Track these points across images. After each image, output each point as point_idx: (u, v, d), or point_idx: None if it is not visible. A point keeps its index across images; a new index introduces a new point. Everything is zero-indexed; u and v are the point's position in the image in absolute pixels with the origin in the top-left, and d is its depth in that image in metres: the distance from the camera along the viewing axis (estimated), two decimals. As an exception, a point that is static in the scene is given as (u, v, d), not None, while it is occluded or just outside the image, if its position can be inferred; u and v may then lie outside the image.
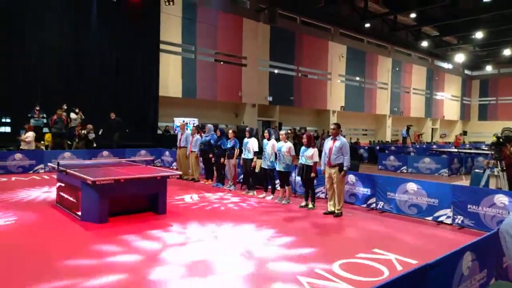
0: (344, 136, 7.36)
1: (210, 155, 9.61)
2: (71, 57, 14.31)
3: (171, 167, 12.47)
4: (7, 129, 12.48)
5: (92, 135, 13.11)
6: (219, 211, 6.88)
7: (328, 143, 6.72)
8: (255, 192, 8.59)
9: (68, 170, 6.18)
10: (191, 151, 10.11)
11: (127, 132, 13.89)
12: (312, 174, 7.02)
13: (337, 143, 6.57)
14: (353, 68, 26.80)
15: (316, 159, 7.00)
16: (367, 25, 23.81)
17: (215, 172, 9.76)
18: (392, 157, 14.89)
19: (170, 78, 17.56)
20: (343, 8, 23.53)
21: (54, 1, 13.34)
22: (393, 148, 20.01)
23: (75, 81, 14.24)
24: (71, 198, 6.12)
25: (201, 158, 10.11)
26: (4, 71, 12.55)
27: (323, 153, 6.85)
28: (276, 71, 22.07)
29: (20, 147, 11.22)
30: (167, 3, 15.53)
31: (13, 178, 9.73)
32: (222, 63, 19.90)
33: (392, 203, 6.97)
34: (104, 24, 14.84)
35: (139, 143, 14.32)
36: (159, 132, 17.01)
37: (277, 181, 8.20)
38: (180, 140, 10.50)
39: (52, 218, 6.00)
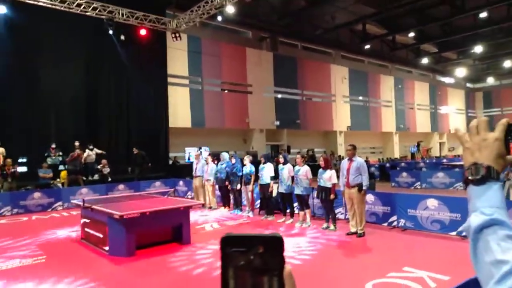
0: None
1: (226, 183, 9.72)
2: (84, 96, 14.74)
3: (186, 197, 12.56)
4: (24, 168, 12.71)
5: (107, 170, 13.32)
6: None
7: (345, 164, 6.82)
8: (273, 216, 8.63)
9: (93, 206, 6.32)
10: (207, 180, 10.24)
11: (150, 166, 14.14)
12: (332, 196, 7.09)
13: (354, 164, 6.67)
14: (356, 88, 27.18)
15: (335, 180, 7.09)
16: (367, 46, 24.36)
17: (232, 199, 9.84)
18: (404, 174, 14.88)
19: (179, 109, 17.94)
20: (341, 32, 24.16)
21: (66, 43, 13.89)
22: (403, 164, 19.98)
23: (88, 119, 14.62)
24: (97, 234, 6.22)
25: (217, 186, 10.21)
26: (20, 112, 12.95)
27: (340, 174, 6.95)
28: (280, 96, 22.47)
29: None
30: (174, 39, 16.09)
31: (33, 217, 9.86)
32: (227, 91, 20.35)
33: (414, 220, 6.97)
34: (114, 61, 15.35)
35: (152, 174, 14.49)
36: (170, 162, 17.21)
37: (295, 205, 8.26)
38: (195, 169, 10.65)
39: (80, 254, 6.08)
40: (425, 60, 28.78)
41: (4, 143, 11.72)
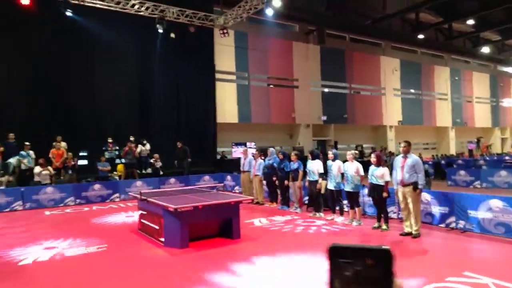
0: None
1: (274, 178, 9.75)
2: (137, 93, 15.51)
3: (233, 191, 12.78)
4: (85, 162, 13.62)
5: (159, 164, 13.91)
6: (292, 235, 6.91)
7: (399, 161, 6.55)
8: (322, 214, 8.52)
9: (149, 199, 6.63)
10: (255, 175, 10.33)
11: (190, 160, 14.57)
12: (384, 194, 6.85)
13: (409, 161, 6.38)
14: (408, 80, 25.95)
15: (388, 178, 6.83)
16: (420, 36, 23.13)
17: (279, 195, 9.86)
18: (462, 172, 14.01)
19: (227, 105, 18.25)
20: (393, 22, 23.12)
21: (119, 43, 14.64)
22: (460, 161, 18.81)
23: (142, 114, 15.36)
24: (153, 225, 6.52)
25: (265, 182, 10.27)
26: (79, 108, 13.90)
27: (393, 172, 6.69)
28: (327, 90, 22.05)
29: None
30: (222, 35, 16.34)
31: (94, 207, 10.57)
32: (273, 86, 20.33)
33: (474, 222, 6.55)
34: (164, 59, 15.94)
35: (201, 168, 14.90)
36: (218, 157, 17.59)
37: (345, 202, 8.09)
38: (243, 164, 10.79)
39: (138, 243, 6.42)
40: (485, 49, 26.79)
41: (66, 138, 12.62)
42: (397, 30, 23.91)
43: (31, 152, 11.77)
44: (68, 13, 12.96)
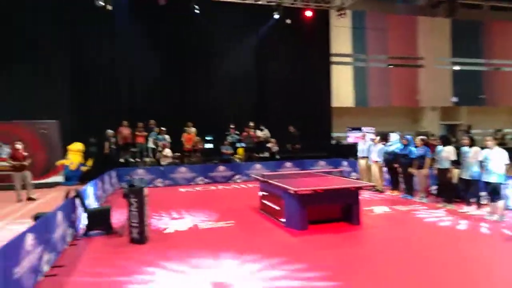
0: None
1: (396, 165, 9.15)
2: (254, 79, 16.21)
3: (350, 177, 12.42)
4: (210, 145, 14.93)
5: (275, 148, 14.38)
6: (416, 224, 6.43)
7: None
8: (453, 205, 7.68)
9: (270, 181, 6.93)
10: (375, 161, 9.85)
11: (300, 145, 14.70)
12: (538, 187, 5.80)
13: None
14: None
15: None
16: None
17: (401, 183, 9.22)
18: None
19: (342, 88, 17.72)
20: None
21: (234, 32, 15.46)
22: None
23: (259, 100, 16.05)
24: (274, 206, 6.82)
25: (386, 169, 9.72)
26: (204, 96, 15.25)
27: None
28: (459, 67, 19.47)
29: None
30: (339, 17, 15.86)
31: (219, 187, 11.59)
32: (394, 67, 18.87)
33: None
34: (280, 44, 16.24)
35: (315, 154, 14.88)
36: (333, 142, 17.31)
37: (484, 194, 7.13)
38: (361, 150, 10.39)
39: (260, 222, 6.81)
40: None
41: (195, 125, 13.98)
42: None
43: (167, 136, 13.41)
44: (196, 11, 14.25)
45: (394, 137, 9.59)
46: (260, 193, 7.67)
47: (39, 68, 13.03)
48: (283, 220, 6.37)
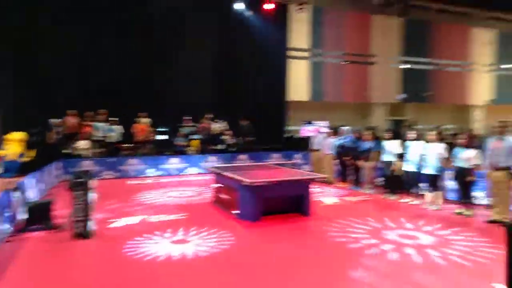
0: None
1: (347, 158, 9.50)
2: (210, 72, 15.98)
3: (302, 169, 12.71)
4: (165, 136, 14.55)
5: (231, 141, 14.35)
6: (366, 215, 6.73)
7: (493, 143, 5.92)
8: (396, 196, 8.13)
9: (224, 173, 6.90)
10: (326, 154, 10.15)
11: (254, 138, 14.79)
12: (470, 178, 6.29)
13: (505, 144, 5.74)
14: (506, 55, 23.05)
15: (477, 161, 6.24)
16: (522, 2, 20.17)
17: (350, 175, 9.60)
18: None
19: (299, 83, 18.03)
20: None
21: (199, 22, 15.14)
22: None
23: (215, 92, 15.87)
24: (228, 198, 6.80)
25: (336, 161, 10.05)
26: (160, 86, 14.79)
27: (485, 154, 6.08)
28: (408, 66, 20.57)
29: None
30: (298, 11, 16.09)
31: (171, 179, 11.36)
32: (348, 63, 19.51)
33: None
34: (239, 36, 16.15)
35: (269, 146, 15.04)
36: (287, 135, 17.60)
37: (423, 185, 7.61)
38: (314, 143, 10.65)
39: (213, 214, 6.77)
40: None
41: (150, 115, 13.54)
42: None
43: (119, 127, 12.87)
44: None
45: (345, 131, 9.94)
46: (214, 185, 7.62)
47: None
48: (237, 211, 6.38)
